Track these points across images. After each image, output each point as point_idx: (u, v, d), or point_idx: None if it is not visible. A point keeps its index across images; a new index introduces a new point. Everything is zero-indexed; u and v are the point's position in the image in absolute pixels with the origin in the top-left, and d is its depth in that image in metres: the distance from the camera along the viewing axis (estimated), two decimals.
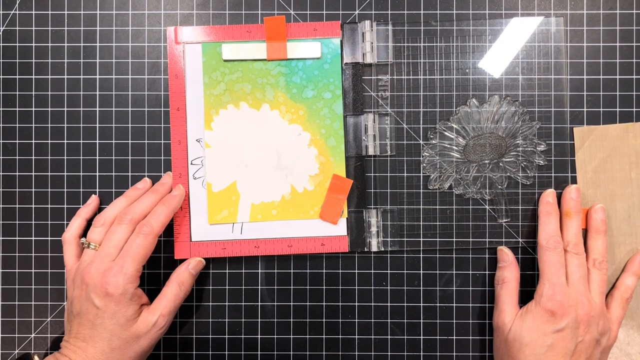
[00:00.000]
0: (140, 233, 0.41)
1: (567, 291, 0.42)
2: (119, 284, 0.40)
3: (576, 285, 0.42)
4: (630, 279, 0.45)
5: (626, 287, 0.45)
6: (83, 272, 0.41)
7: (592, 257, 0.44)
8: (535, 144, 0.47)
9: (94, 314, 0.40)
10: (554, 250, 0.43)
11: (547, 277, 0.42)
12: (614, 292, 0.45)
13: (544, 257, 0.43)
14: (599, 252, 0.44)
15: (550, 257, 0.43)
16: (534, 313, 0.42)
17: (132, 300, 0.40)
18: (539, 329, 0.41)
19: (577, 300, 0.41)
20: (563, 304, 0.41)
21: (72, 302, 0.41)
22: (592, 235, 0.44)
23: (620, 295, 0.44)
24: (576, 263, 0.43)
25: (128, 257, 0.40)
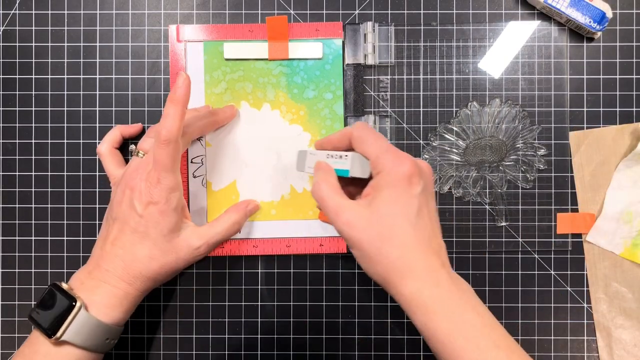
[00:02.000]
0: (160, 144, 0.38)
1: (405, 155, 0.36)
2: (163, 194, 0.39)
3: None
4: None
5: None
6: (128, 178, 0.40)
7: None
8: (535, 147, 0.47)
9: (136, 221, 0.39)
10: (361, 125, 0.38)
11: (378, 149, 0.36)
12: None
13: (357, 134, 0.38)
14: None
15: (362, 128, 0.38)
16: (392, 189, 0.35)
17: (176, 210, 0.40)
18: (402, 197, 0.35)
19: (426, 166, 0.37)
20: (415, 168, 0.35)
21: (113, 207, 0.40)
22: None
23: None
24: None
25: (160, 169, 0.39)
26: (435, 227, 0.36)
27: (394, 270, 0.34)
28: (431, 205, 0.36)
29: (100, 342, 0.39)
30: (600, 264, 0.47)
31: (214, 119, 0.45)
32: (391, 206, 0.35)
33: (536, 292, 0.47)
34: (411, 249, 0.34)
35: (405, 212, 0.35)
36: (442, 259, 0.35)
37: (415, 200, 0.35)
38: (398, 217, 0.35)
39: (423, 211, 0.35)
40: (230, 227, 0.43)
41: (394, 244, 0.34)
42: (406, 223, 0.35)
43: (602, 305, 0.47)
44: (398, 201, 0.35)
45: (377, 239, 0.35)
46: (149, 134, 0.43)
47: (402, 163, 0.35)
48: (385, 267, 0.35)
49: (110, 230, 0.40)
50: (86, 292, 0.39)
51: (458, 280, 0.36)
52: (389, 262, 0.34)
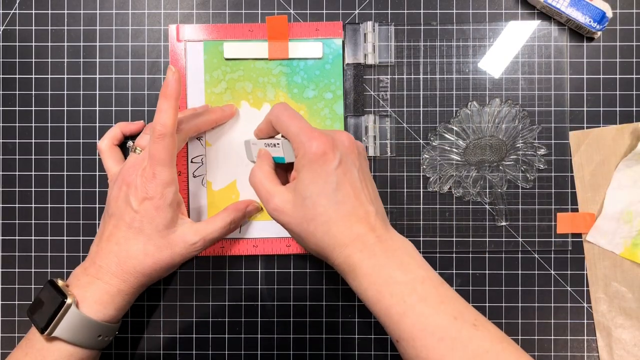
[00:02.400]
0: (155, 138, 0.39)
1: (319, 130, 0.37)
2: (158, 189, 0.39)
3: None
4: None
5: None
6: (124, 174, 0.40)
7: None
8: (535, 147, 0.47)
9: (131, 216, 0.39)
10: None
11: (294, 131, 0.37)
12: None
13: (273, 119, 0.39)
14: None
15: (276, 114, 0.39)
16: (308, 171, 0.36)
17: (172, 206, 0.40)
18: (320, 176, 0.36)
19: (343, 135, 0.38)
20: (327, 142, 0.36)
21: (109, 203, 0.41)
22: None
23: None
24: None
25: (156, 164, 0.39)
26: (361, 195, 0.37)
27: (323, 246, 0.36)
28: (353, 175, 0.37)
29: (92, 339, 0.39)
30: (600, 264, 0.47)
31: (211, 117, 0.45)
32: (310, 187, 0.36)
33: (536, 292, 0.47)
34: (334, 223, 0.36)
35: (324, 189, 0.36)
36: (372, 223, 0.36)
37: (333, 176, 0.36)
38: (318, 196, 0.36)
39: (343, 184, 0.36)
40: (227, 225, 0.43)
41: (318, 223, 0.36)
42: (326, 200, 0.36)
43: (602, 305, 0.47)
44: (316, 181, 0.36)
45: (302, 221, 0.36)
46: (147, 131, 0.43)
47: (313, 142, 0.36)
48: (316, 244, 0.37)
49: (106, 227, 0.40)
50: (80, 289, 0.39)
51: (391, 239, 0.36)
52: (317, 240, 0.36)
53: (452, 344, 0.32)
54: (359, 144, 0.40)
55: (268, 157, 0.41)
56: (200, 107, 0.46)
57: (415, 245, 0.37)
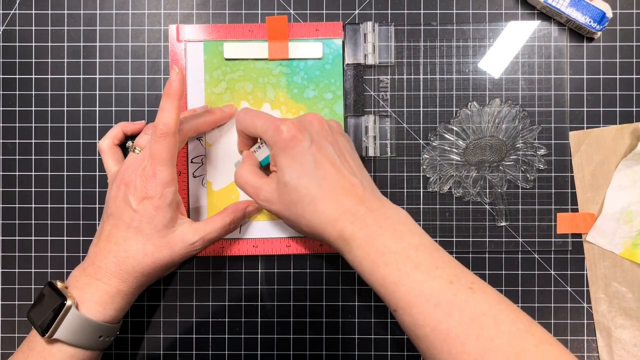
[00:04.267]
0: (156, 137, 0.39)
1: (285, 118, 0.39)
2: (158, 188, 0.39)
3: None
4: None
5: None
6: (123, 173, 0.40)
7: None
8: (535, 147, 0.47)
9: (130, 216, 0.39)
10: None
11: (261, 130, 0.39)
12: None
13: (240, 128, 0.42)
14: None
15: (240, 120, 0.41)
16: (282, 156, 0.37)
17: (171, 206, 0.40)
18: (294, 158, 0.37)
19: (310, 115, 0.39)
20: (294, 126, 0.38)
21: (108, 203, 0.41)
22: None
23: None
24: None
25: (156, 163, 0.39)
26: (342, 168, 0.37)
27: (315, 226, 0.37)
28: (329, 151, 0.38)
29: (93, 340, 0.39)
30: (600, 264, 0.47)
31: (211, 118, 0.45)
32: (288, 171, 0.37)
33: (536, 292, 0.47)
34: (320, 201, 0.36)
35: (302, 171, 0.36)
36: (359, 195, 0.36)
37: (307, 155, 0.37)
38: (298, 178, 0.36)
39: (320, 160, 0.37)
40: (227, 225, 0.43)
41: (304, 203, 0.36)
42: (306, 181, 0.36)
43: (602, 305, 0.47)
44: (292, 164, 0.37)
45: (290, 206, 0.37)
46: (146, 131, 0.43)
47: (280, 129, 0.37)
48: (307, 225, 0.37)
49: (105, 226, 0.40)
50: (79, 290, 0.39)
51: (382, 208, 0.36)
52: (307, 221, 0.37)
53: (449, 308, 0.32)
54: (332, 122, 0.40)
55: (250, 157, 0.42)
56: (200, 108, 0.46)
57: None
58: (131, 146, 0.42)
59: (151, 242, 0.39)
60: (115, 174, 0.42)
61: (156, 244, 0.40)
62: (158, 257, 0.40)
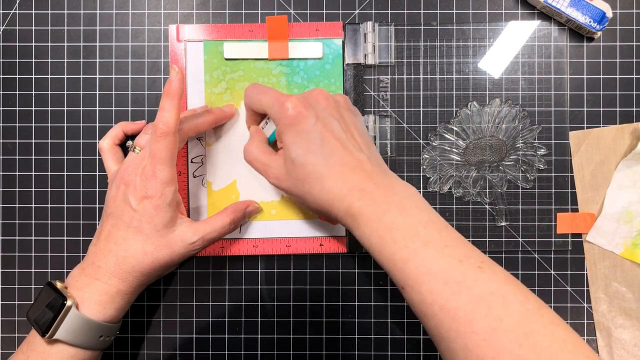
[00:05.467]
0: (156, 137, 0.39)
1: (292, 94, 0.39)
2: (158, 188, 0.39)
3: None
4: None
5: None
6: (123, 173, 0.40)
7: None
8: (535, 147, 0.47)
9: (129, 215, 0.39)
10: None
11: (267, 106, 0.39)
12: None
13: (247, 102, 0.42)
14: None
15: (248, 95, 0.41)
16: (288, 133, 0.37)
17: (171, 205, 0.40)
18: (300, 135, 0.37)
19: (315, 91, 0.39)
20: (299, 102, 0.37)
21: (108, 202, 0.41)
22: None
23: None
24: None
25: (156, 162, 0.39)
26: (348, 145, 0.37)
27: (322, 203, 0.36)
28: (335, 127, 0.37)
29: (94, 340, 0.39)
30: (600, 264, 0.47)
31: (210, 118, 0.45)
32: (294, 149, 0.37)
33: (536, 292, 0.47)
34: (327, 177, 0.36)
35: (308, 148, 0.36)
36: (367, 171, 0.36)
37: (313, 132, 0.36)
38: (305, 155, 0.36)
39: (326, 136, 0.36)
40: (227, 225, 0.43)
41: (312, 180, 0.36)
42: (313, 157, 0.36)
43: (602, 305, 0.47)
44: (297, 141, 0.37)
45: (298, 183, 0.37)
46: (146, 131, 0.43)
47: (286, 105, 0.37)
48: (315, 202, 0.37)
49: (104, 226, 0.40)
50: (78, 290, 0.39)
51: (390, 184, 0.36)
52: (315, 198, 0.37)
53: (458, 287, 0.31)
54: (339, 97, 0.40)
55: (258, 132, 0.42)
56: (200, 108, 0.46)
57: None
58: (131, 146, 0.42)
59: (151, 241, 0.39)
60: (115, 174, 0.42)
61: (156, 244, 0.40)
62: (158, 257, 0.40)
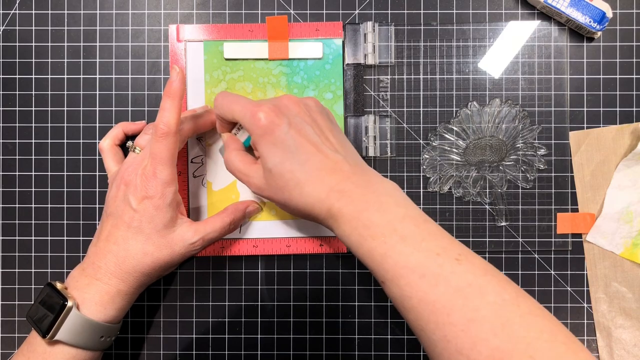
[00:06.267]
0: (157, 137, 0.39)
1: (262, 101, 0.39)
2: (158, 188, 0.39)
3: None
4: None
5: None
6: (123, 173, 0.40)
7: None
8: (535, 147, 0.47)
9: (130, 215, 0.39)
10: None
11: (238, 116, 0.39)
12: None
13: (217, 112, 0.41)
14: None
15: (218, 106, 0.41)
16: (263, 144, 0.37)
17: (171, 206, 0.40)
18: (274, 144, 0.37)
19: (285, 98, 0.39)
20: (271, 111, 0.37)
21: (108, 202, 0.41)
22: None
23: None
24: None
25: (157, 163, 0.39)
26: (323, 148, 0.37)
27: (304, 208, 0.37)
28: (308, 132, 0.37)
29: (95, 341, 0.39)
30: (600, 264, 0.47)
31: (211, 118, 0.45)
32: (270, 158, 0.37)
33: (536, 292, 0.47)
34: (305, 184, 0.36)
35: (283, 156, 0.36)
36: (345, 171, 0.36)
37: (288, 139, 0.36)
38: (281, 164, 0.36)
39: (301, 142, 0.36)
40: (227, 225, 0.43)
41: (290, 187, 0.36)
42: (289, 165, 0.36)
43: (602, 305, 0.47)
44: (273, 150, 0.37)
45: (278, 191, 0.37)
46: (146, 131, 0.43)
47: (258, 115, 0.37)
48: (297, 208, 0.37)
49: (104, 226, 0.40)
50: (79, 291, 0.39)
51: (368, 182, 0.36)
52: (297, 204, 0.37)
53: (435, 279, 0.32)
54: (309, 100, 0.40)
55: (233, 140, 0.42)
56: (200, 108, 0.46)
57: None
58: (131, 146, 0.42)
59: (151, 241, 0.39)
60: (115, 174, 0.42)
61: (156, 244, 0.40)
62: (158, 257, 0.40)
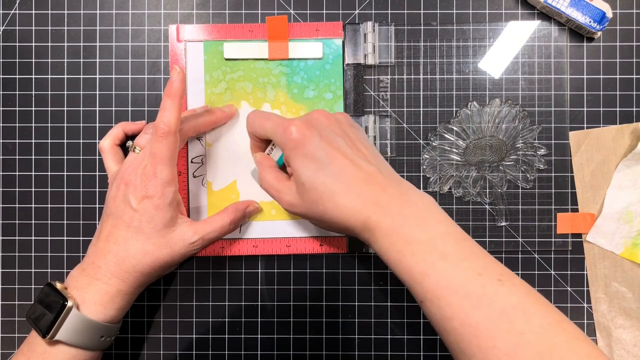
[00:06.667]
0: (158, 136, 0.39)
1: (293, 117, 0.39)
2: (158, 188, 0.39)
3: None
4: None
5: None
6: (123, 173, 0.40)
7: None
8: (535, 147, 0.47)
9: (130, 215, 0.39)
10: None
11: (270, 133, 0.39)
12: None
13: (250, 131, 0.41)
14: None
15: (250, 124, 0.41)
16: (295, 157, 0.37)
17: (171, 205, 0.40)
18: (307, 157, 0.36)
19: (316, 112, 0.38)
20: (302, 125, 0.37)
21: (108, 202, 0.41)
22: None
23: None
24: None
25: (157, 162, 0.39)
26: (356, 159, 0.37)
27: (339, 221, 0.36)
28: (340, 144, 0.37)
29: (95, 340, 0.39)
30: (600, 264, 0.47)
31: (211, 118, 0.45)
32: (303, 171, 0.36)
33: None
34: (339, 195, 0.35)
35: (316, 168, 0.36)
36: (380, 183, 0.36)
37: (320, 151, 0.36)
38: (315, 177, 0.36)
39: (333, 154, 0.36)
40: (226, 225, 0.43)
41: (325, 201, 0.36)
42: (323, 177, 0.36)
43: (602, 305, 0.47)
44: (306, 164, 0.36)
45: (312, 207, 0.36)
46: (146, 131, 0.43)
47: (289, 130, 0.37)
48: (332, 221, 0.36)
49: (104, 226, 0.40)
50: (78, 291, 0.39)
51: (405, 195, 0.36)
52: (332, 217, 0.36)
53: (478, 301, 0.31)
54: (339, 115, 0.40)
55: (266, 158, 0.41)
56: (200, 108, 0.46)
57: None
58: (131, 146, 0.42)
59: (151, 241, 0.39)
60: (115, 174, 0.42)
61: (156, 243, 0.40)
62: (158, 257, 0.40)
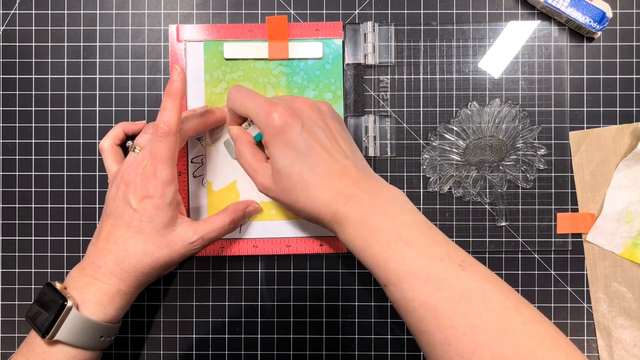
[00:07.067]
0: (158, 136, 0.39)
1: (276, 100, 0.38)
2: (158, 188, 0.39)
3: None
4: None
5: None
6: (123, 172, 0.40)
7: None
8: (535, 147, 0.47)
9: (130, 215, 0.39)
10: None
11: (252, 112, 0.39)
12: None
13: (230, 106, 0.41)
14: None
15: (231, 99, 0.41)
16: (274, 144, 0.37)
17: (171, 205, 0.40)
18: (286, 145, 0.37)
19: (299, 100, 0.39)
20: (285, 112, 0.37)
21: (108, 202, 0.41)
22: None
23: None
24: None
25: (157, 162, 0.39)
26: (333, 152, 0.37)
27: (310, 211, 0.37)
28: (320, 135, 0.38)
29: (94, 340, 0.39)
30: (600, 264, 0.47)
31: (211, 118, 0.45)
32: (280, 159, 0.37)
33: (536, 292, 0.47)
34: (313, 187, 0.36)
35: (294, 157, 0.37)
36: (353, 176, 0.37)
37: (299, 142, 0.37)
38: (291, 165, 0.37)
39: (312, 146, 0.37)
40: (226, 225, 0.43)
41: (298, 190, 0.37)
42: (299, 167, 0.37)
43: (602, 305, 0.47)
44: (284, 151, 0.37)
45: (285, 194, 0.38)
46: (146, 131, 0.43)
47: (272, 115, 0.37)
48: (302, 210, 0.38)
49: (104, 226, 0.40)
50: (78, 291, 0.39)
51: (375, 188, 0.37)
52: (303, 206, 0.37)
53: (439, 284, 0.32)
54: (322, 104, 0.40)
55: (244, 133, 0.42)
56: (200, 108, 0.46)
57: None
58: (131, 146, 0.42)
59: (151, 241, 0.39)
60: (115, 174, 0.42)
61: (156, 243, 0.40)
62: (158, 256, 0.40)
